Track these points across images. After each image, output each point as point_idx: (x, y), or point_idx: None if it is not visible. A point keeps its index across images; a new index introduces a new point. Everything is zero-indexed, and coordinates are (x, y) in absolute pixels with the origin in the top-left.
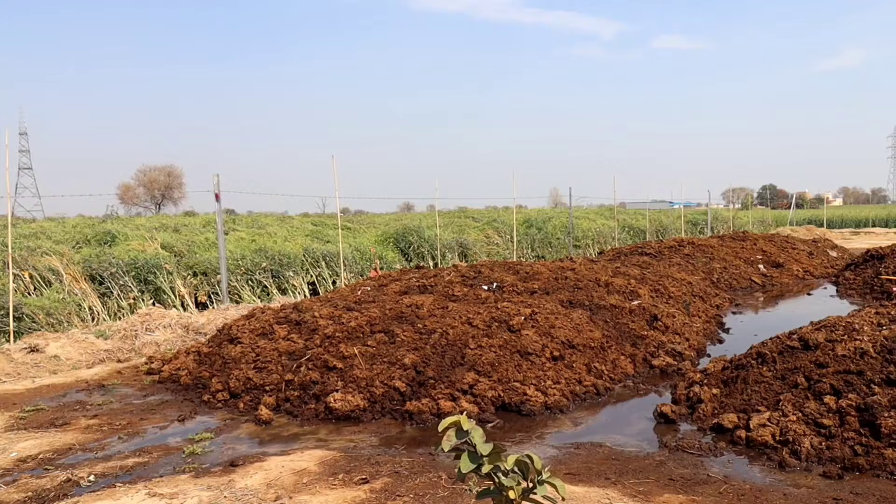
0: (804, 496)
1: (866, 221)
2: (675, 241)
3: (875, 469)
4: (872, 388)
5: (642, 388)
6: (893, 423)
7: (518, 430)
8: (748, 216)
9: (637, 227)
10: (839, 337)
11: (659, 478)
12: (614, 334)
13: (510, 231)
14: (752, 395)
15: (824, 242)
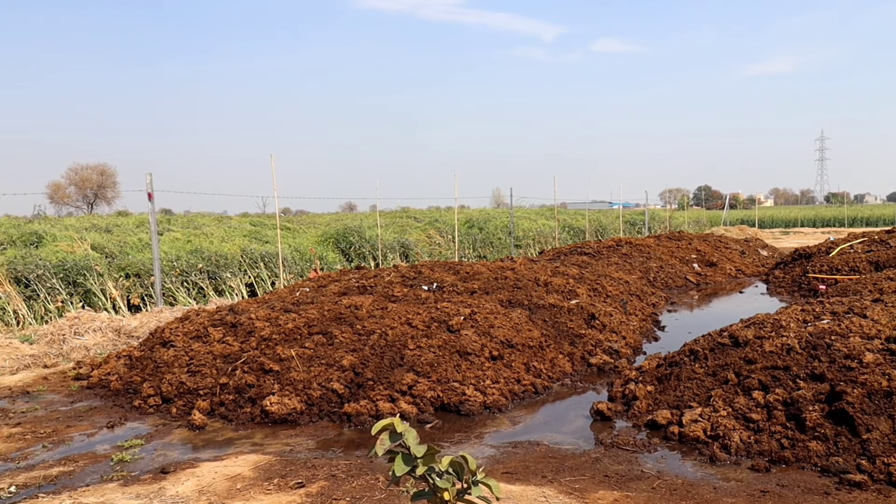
0: (733, 489)
1: (795, 221)
2: (614, 240)
3: (800, 461)
4: (798, 382)
5: (580, 387)
6: (817, 417)
7: (457, 431)
8: (684, 216)
9: (577, 227)
10: (767, 334)
11: (594, 475)
12: (553, 333)
13: (452, 231)
14: (684, 391)
15: (755, 242)
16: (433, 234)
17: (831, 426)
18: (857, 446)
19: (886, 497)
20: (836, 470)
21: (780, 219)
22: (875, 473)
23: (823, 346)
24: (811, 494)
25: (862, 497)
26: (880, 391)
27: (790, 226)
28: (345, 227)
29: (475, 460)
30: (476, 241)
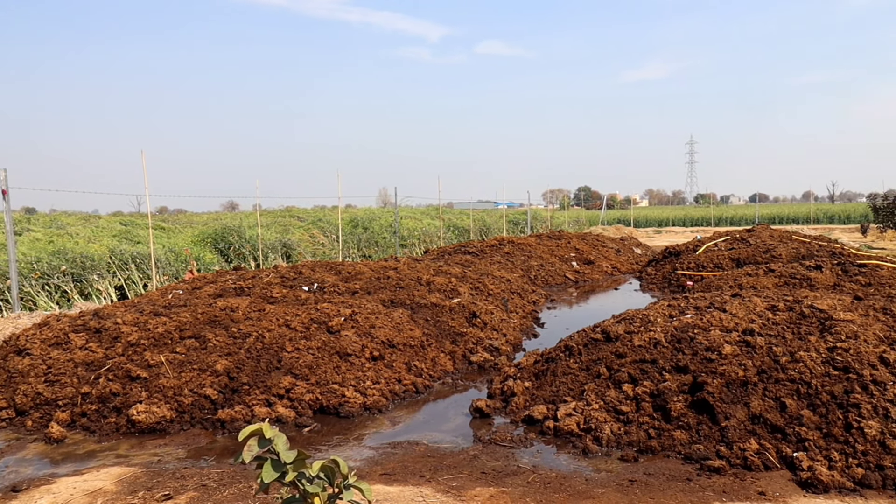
0: (603, 480)
1: (667, 221)
2: (497, 239)
3: (666, 450)
4: (664, 375)
5: (461, 385)
6: (681, 407)
7: (336, 433)
8: (565, 216)
9: (462, 226)
10: (637, 329)
11: (472, 472)
12: (435, 332)
13: (336, 231)
14: (560, 386)
15: (630, 240)
16: (317, 233)
17: (694, 415)
18: (717, 433)
19: (742, 480)
20: (698, 457)
21: (654, 218)
22: (732, 459)
23: (687, 340)
24: (674, 481)
25: (720, 481)
26: (737, 381)
27: (663, 225)
28: (223, 227)
29: (347, 464)
30: (361, 241)
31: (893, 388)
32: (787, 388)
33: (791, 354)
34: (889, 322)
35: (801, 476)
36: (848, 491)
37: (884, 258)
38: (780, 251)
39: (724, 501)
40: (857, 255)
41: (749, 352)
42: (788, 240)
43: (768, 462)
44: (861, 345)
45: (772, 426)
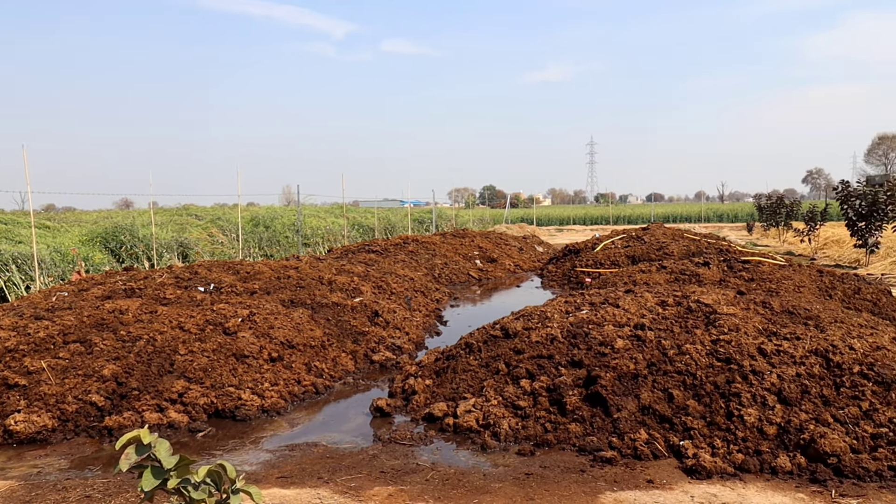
0: (501, 474)
1: (569, 220)
2: (401, 238)
3: (562, 443)
4: (560, 370)
5: (362, 384)
6: (576, 401)
7: (232, 437)
8: (469, 215)
9: (367, 224)
10: (535, 325)
11: (371, 471)
12: (336, 332)
13: (236, 230)
14: (460, 383)
15: (533, 239)
16: (215, 232)
17: (588, 408)
18: (610, 425)
19: (632, 469)
20: (591, 448)
21: (556, 217)
22: (623, 449)
23: (582, 335)
24: (569, 473)
25: (612, 471)
26: (629, 374)
27: (564, 224)
28: (115, 226)
29: (237, 468)
30: (262, 240)
31: (770, 378)
32: (675, 380)
33: (678, 347)
34: (768, 315)
35: (687, 463)
36: (729, 476)
37: (766, 255)
38: (672, 248)
39: (614, 490)
40: (742, 253)
41: (640, 345)
42: (680, 237)
43: (657, 451)
44: (742, 337)
45: (660, 416)
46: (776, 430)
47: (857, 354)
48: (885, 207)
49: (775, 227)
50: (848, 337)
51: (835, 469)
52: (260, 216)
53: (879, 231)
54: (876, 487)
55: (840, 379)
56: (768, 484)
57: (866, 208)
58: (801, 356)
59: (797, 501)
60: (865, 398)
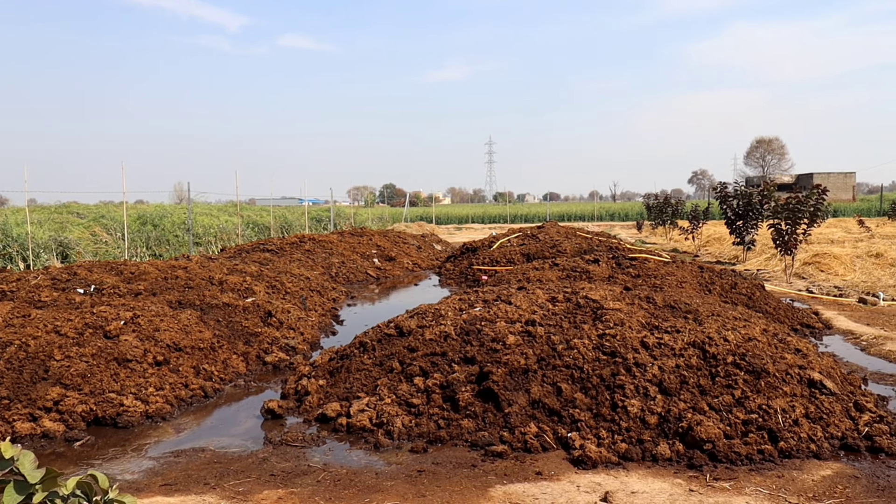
0: (393, 472)
1: (468, 218)
2: (297, 237)
3: (454, 439)
4: (453, 366)
5: (254, 386)
6: (469, 397)
7: (112, 445)
8: (368, 213)
9: (262, 223)
10: (428, 323)
11: (260, 475)
12: (227, 333)
13: (122, 228)
14: (354, 382)
15: (431, 237)
16: (99, 231)
17: (480, 404)
18: (501, 420)
19: (522, 462)
20: (483, 443)
21: (455, 216)
22: (514, 443)
23: (475, 332)
24: (461, 468)
25: (503, 465)
26: (519, 369)
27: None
28: None
29: (108, 478)
30: (150, 239)
31: (652, 370)
32: (563, 374)
33: (567, 342)
34: (651, 310)
35: (574, 454)
36: (613, 465)
37: (652, 252)
38: (565, 246)
39: (504, 484)
40: (631, 250)
41: (530, 341)
42: (573, 236)
43: (546, 444)
44: (627, 331)
45: (549, 410)
46: (657, 420)
47: (731, 346)
48: (760, 207)
49: (662, 226)
50: (723, 329)
51: (710, 455)
52: (148, 214)
53: (755, 229)
54: (746, 470)
55: (715, 369)
56: (649, 471)
57: (743, 208)
58: (681, 348)
59: (675, 487)
60: (738, 387)
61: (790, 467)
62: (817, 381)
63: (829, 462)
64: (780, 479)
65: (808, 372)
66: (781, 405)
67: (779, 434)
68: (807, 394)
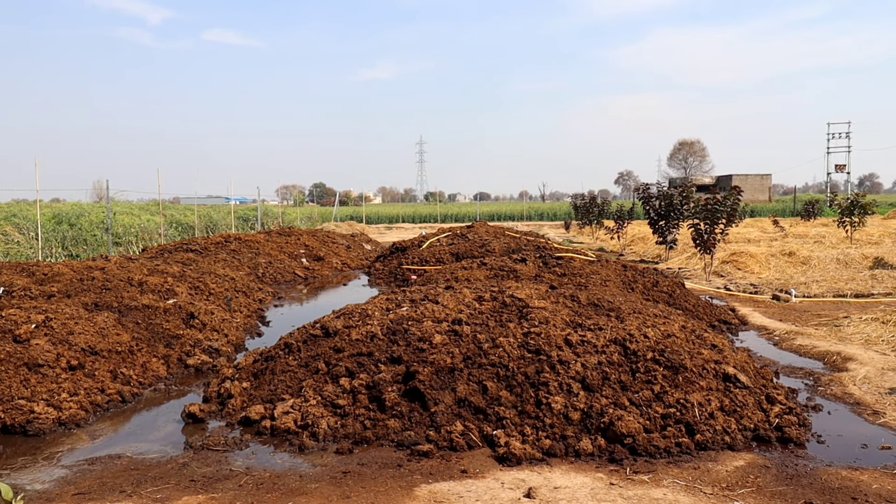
0: (317, 474)
1: (398, 218)
2: (223, 236)
3: (380, 439)
4: (380, 367)
5: (175, 390)
6: (395, 397)
7: (22, 454)
8: (297, 212)
9: (186, 223)
10: (355, 323)
11: (180, 481)
12: (146, 336)
13: (36, 228)
14: (279, 384)
15: (361, 237)
16: (11, 230)
17: (407, 404)
18: (427, 419)
19: (447, 461)
20: (409, 443)
21: (386, 215)
22: (440, 442)
23: (402, 332)
24: (386, 468)
25: (428, 464)
26: (446, 368)
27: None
28: None
29: (11, 488)
30: (66, 239)
31: (576, 367)
32: (489, 372)
33: (493, 341)
34: (575, 308)
35: (499, 452)
36: (537, 461)
37: (578, 251)
38: (494, 246)
39: (429, 483)
40: (558, 249)
41: (457, 340)
42: (502, 235)
43: (472, 442)
44: (551, 329)
45: (475, 408)
46: (580, 416)
47: (651, 342)
48: (680, 208)
49: (589, 226)
50: (644, 326)
51: (630, 448)
52: (65, 213)
53: (676, 229)
54: (665, 463)
55: (636, 365)
56: (572, 466)
57: (665, 209)
58: (603, 345)
59: (596, 481)
60: (657, 382)
61: (706, 459)
62: (732, 376)
63: (743, 453)
64: (695, 470)
65: (724, 367)
66: (698, 399)
67: (695, 427)
68: (722, 388)
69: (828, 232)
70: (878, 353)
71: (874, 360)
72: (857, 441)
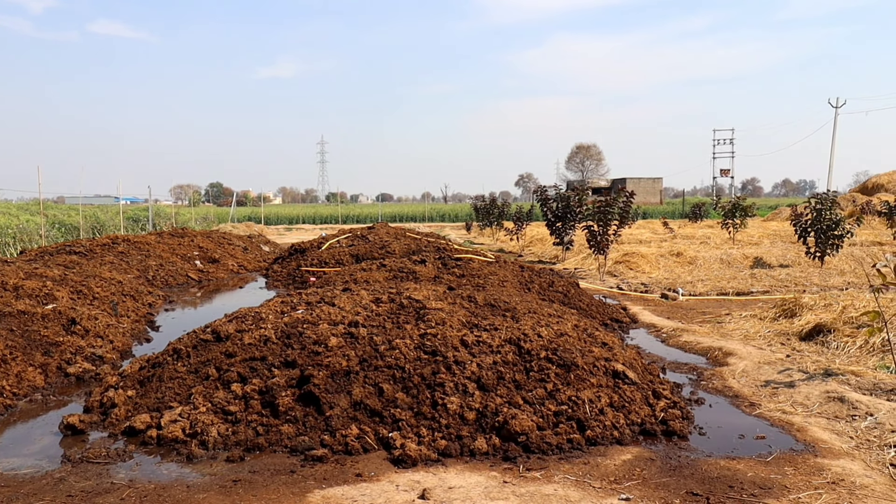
0: (206, 484)
1: (299, 218)
2: (110, 238)
3: (274, 445)
4: (273, 371)
5: (54, 401)
6: (289, 401)
7: None
8: (192, 213)
9: (71, 223)
10: (248, 327)
11: (56, 496)
12: (21, 343)
13: None
14: (166, 392)
15: (259, 238)
16: None
17: (301, 408)
18: (322, 423)
19: (342, 465)
20: (303, 448)
21: (286, 216)
22: (335, 446)
23: (296, 335)
24: (279, 475)
25: (323, 469)
26: (341, 371)
27: (294, 222)
28: None
29: None
30: None
31: (471, 367)
32: (385, 374)
33: (389, 342)
34: (472, 309)
35: (395, 454)
36: (433, 462)
37: (477, 252)
38: (394, 247)
39: (323, 488)
40: (457, 250)
41: (353, 343)
42: (403, 236)
43: (367, 445)
44: (447, 330)
45: (371, 411)
46: (475, 415)
47: (545, 341)
48: (576, 210)
49: (490, 227)
50: (538, 326)
51: (524, 446)
52: None
53: (573, 230)
54: (556, 459)
55: (530, 364)
56: (467, 466)
57: (562, 210)
58: (498, 345)
59: (490, 479)
60: (550, 380)
61: (595, 454)
62: (621, 373)
63: (630, 447)
64: (585, 465)
65: (613, 364)
66: (589, 396)
67: (586, 423)
68: (612, 384)
69: (713, 233)
70: (756, 348)
71: (752, 355)
72: (735, 432)
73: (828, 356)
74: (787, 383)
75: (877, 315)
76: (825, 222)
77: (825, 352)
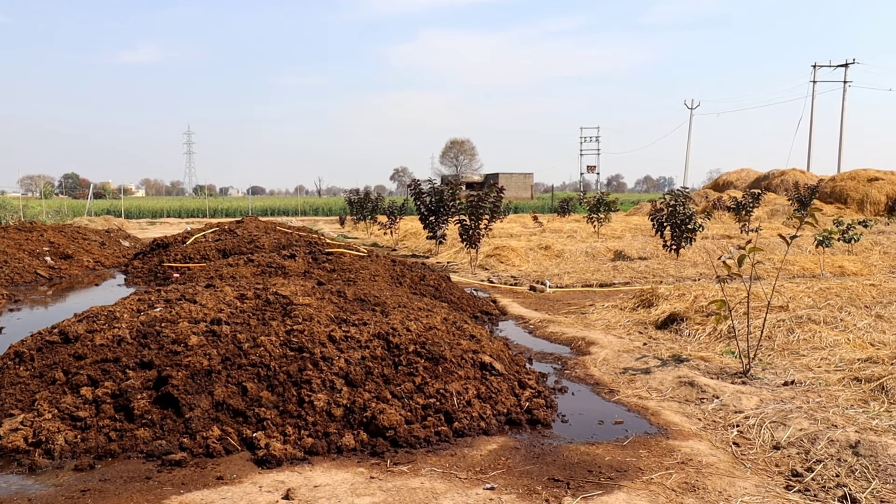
0: (51, 496)
1: (163, 212)
2: None
3: (128, 451)
4: (128, 373)
5: None
6: (145, 404)
7: None
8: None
9: None
10: (100, 327)
11: None
12: None
13: None
14: (6, 399)
15: (118, 233)
16: None
17: (159, 411)
18: (182, 426)
19: (203, 469)
20: (160, 453)
21: (149, 209)
22: (195, 449)
23: (154, 334)
24: (133, 482)
25: (181, 474)
26: (202, 371)
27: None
28: None
29: None
30: None
31: (339, 363)
32: (250, 373)
33: (254, 340)
34: (341, 304)
35: (259, 454)
36: (299, 461)
37: (350, 246)
38: (263, 242)
39: (181, 493)
40: (329, 245)
41: (215, 341)
42: (273, 231)
43: (230, 446)
44: (315, 326)
45: (234, 411)
46: (343, 412)
47: (413, 335)
48: (450, 204)
49: (364, 221)
50: (407, 320)
51: (392, 441)
52: None
53: (446, 224)
54: (424, 452)
55: (398, 358)
56: (334, 463)
57: (435, 205)
58: (367, 340)
59: (357, 476)
60: (419, 374)
61: (463, 445)
62: (488, 364)
63: (497, 437)
64: (452, 457)
65: (481, 356)
66: (457, 388)
67: (454, 415)
68: (479, 376)
69: (579, 227)
70: (616, 337)
71: (612, 344)
72: (595, 418)
73: (680, 343)
74: (643, 370)
75: (723, 304)
76: (680, 217)
77: (678, 339)
